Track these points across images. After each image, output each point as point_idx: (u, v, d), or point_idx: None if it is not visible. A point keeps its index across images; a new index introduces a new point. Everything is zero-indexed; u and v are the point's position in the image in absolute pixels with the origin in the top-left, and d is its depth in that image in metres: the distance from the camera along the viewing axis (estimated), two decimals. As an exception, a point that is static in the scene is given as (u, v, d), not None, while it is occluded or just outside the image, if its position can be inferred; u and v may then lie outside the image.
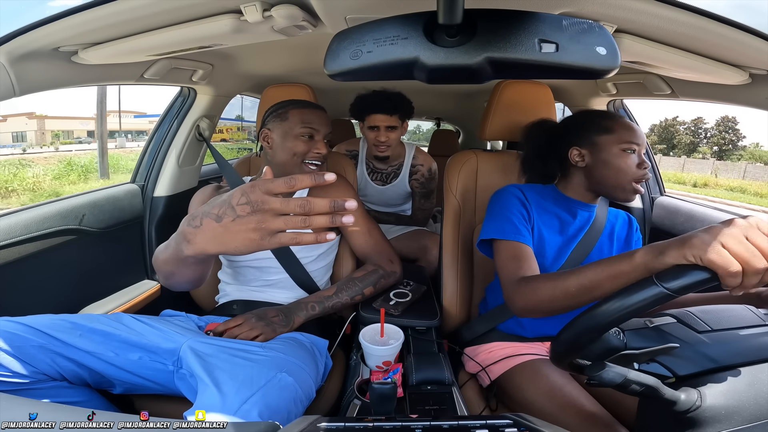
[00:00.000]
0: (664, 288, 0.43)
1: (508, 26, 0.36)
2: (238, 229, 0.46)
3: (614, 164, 0.81)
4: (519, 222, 0.83)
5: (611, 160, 0.82)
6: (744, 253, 0.42)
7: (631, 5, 0.58)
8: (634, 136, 0.81)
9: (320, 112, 0.98)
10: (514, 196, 0.87)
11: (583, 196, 0.89)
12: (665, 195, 1.31)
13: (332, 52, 0.39)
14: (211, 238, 0.48)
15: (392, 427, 0.42)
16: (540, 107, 1.07)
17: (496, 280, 0.95)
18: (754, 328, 0.48)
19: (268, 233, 0.46)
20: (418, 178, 1.51)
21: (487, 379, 0.87)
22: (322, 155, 0.96)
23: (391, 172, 1.54)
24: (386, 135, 1.40)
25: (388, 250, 1.03)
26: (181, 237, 0.52)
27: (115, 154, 11.55)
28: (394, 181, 1.53)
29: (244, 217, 0.46)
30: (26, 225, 0.91)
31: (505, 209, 0.85)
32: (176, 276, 0.64)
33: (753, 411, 0.42)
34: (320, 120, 0.97)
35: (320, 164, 0.97)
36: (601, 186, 0.85)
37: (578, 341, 0.50)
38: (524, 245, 0.79)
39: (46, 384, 0.66)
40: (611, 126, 0.83)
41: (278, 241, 0.46)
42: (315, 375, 0.75)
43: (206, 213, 0.49)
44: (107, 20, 0.67)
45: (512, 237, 0.80)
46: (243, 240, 0.46)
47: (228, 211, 0.47)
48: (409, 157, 1.54)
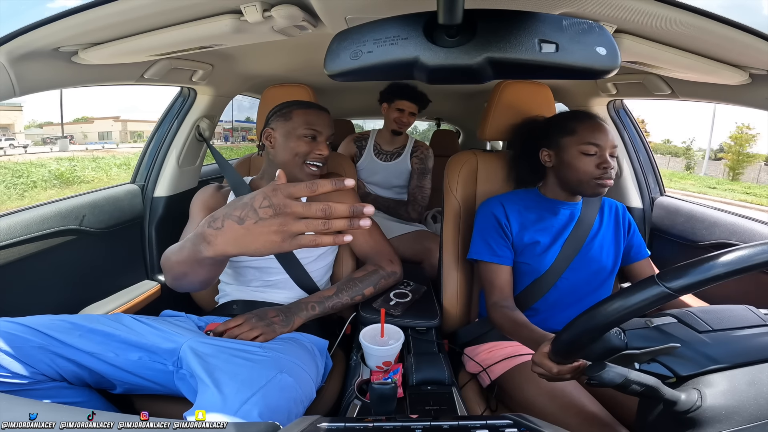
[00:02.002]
0: (666, 287, 0.43)
1: (508, 26, 0.36)
2: (260, 231, 0.47)
3: (573, 165, 0.86)
4: (495, 242, 0.92)
5: (571, 161, 0.86)
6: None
7: (631, 5, 0.58)
8: (595, 137, 0.84)
9: (324, 114, 0.99)
10: (492, 214, 0.94)
11: (562, 195, 0.93)
12: (665, 195, 1.30)
13: (332, 52, 0.39)
14: (232, 239, 0.49)
15: (392, 427, 0.42)
16: (540, 107, 1.07)
17: None
18: (754, 328, 0.48)
19: (289, 236, 0.47)
20: (418, 155, 1.80)
21: (488, 379, 0.87)
22: (324, 157, 0.97)
23: (395, 153, 1.82)
24: (408, 118, 1.72)
25: (388, 251, 1.03)
26: (200, 238, 0.52)
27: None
28: (397, 159, 1.81)
29: (266, 219, 0.47)
30: (26, 225, 0.90)
31: (483, 230, 0.94)
32: (189, 276, 0.64)
33: (753, 411, 0.42)
34: (323, 122, 0.97)
35: (321, 165, 0.98)
36: (567, 185, 0.90)
37: (579, 341, 0.50)
38: (499, 266, 0.91)
39: (46, 385, 0.66)
40: (574, 127, 0.87)
41: (298, 243, 0.47)
42: (315, 375, 0.75)
43: (228, 215, 0.50)
44: (107, 20, 0.67)
45: (488, 258, 0.91)
46: (264, 242, 0.47)
47: (250, 213, 0.48)
48: (411, 143, 1.84)
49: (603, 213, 0.96)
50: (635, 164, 1.31)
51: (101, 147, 18.36)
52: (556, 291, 0.90)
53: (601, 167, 0.84)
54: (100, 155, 13.16)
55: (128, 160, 11.12)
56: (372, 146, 1.83)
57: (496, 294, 0.89)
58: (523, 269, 0.92)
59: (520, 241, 0.92)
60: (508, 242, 0.92)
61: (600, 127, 0.85)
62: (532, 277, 0.92)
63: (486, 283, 0.92)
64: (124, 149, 17.10)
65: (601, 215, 0.95)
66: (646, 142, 1.35)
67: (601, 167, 0.84)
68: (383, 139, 1.82)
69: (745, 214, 1.07)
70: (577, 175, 0.86)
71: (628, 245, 0.96)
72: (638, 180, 1.30)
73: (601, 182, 0.84)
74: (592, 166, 0.84)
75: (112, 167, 10.24)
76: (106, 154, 13.56)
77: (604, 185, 0.84)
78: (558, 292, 0.90)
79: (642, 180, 1.30)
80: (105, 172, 9.67)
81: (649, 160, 1.33)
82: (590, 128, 0.85)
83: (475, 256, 0.94)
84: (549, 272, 0.90)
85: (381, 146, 1.83)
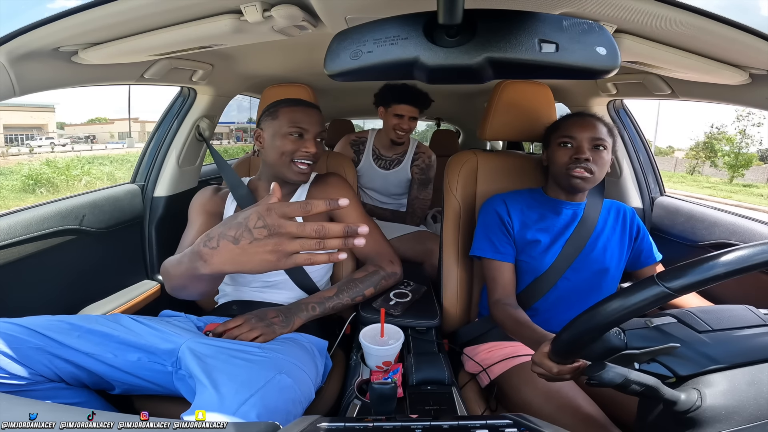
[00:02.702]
0: (666, 287, 0.43)
1: (508, 26, 0.36)
2: (255, 251, 0.48)
3: (552, 158, 0.91)
4: (498, 239, 0.93)
5: (552, 155, 0.91)
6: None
7: (631, 5, 0.58)
8: (570, 129, 0.88)
9: (311, 111, 0.96)
10: (495, 211, 0.95)
11: (561, 194, 0.95)
12: (665, 195, 1.30)
13: (332, 52, 0.39)
14: (228, 259, 0.50)
15: (392, 427, 0.42)
16: (540, 107, 1.07)
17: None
18: (754, 328, 0.48)
19: (284, 255, 0.47)
20: (419, 164, 1.65)
21: (487, 379, 0.88)
22: (311, 154, 0.94)
23: (395, 159, 1.66)
24: (408, 124, 1.54)
25: (388, 251, 1.03)
26: (196, 256, 0.53)
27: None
28: (397, 167, 1.66)
29: (261, 240, 0.47)
30: (26, 225, 0.90)
31: (486, 227, 0.95)
32: (188, 289, 0.66)
33: (753, 411, 0.42)
34: (310, 119, 0.95)
35: (311, 164, 0.95)
36: (554, 181, 0.93)
37: (579, 340, 0.50)
38: (502, 263, 0.92)
39: (44, 386, 0.66)
40: (558, 124, 0.92)
41: (294, 261, 0.48)
42: (314, 376, 0.75)
43: (223, 234, 0.50)
44: (107, 20, 0.67)
45: (491, 255, 0.92)
46: (260, 261, 0.48)
47: (245, 233, 0.48)
48: (413, 147, 1.68)
49: (608, 215, 0.96)
50: (635, 164, 1.31)
51: (121, 146, 20.17)
52: (556, 291, 0.90)
53: (572, 158, 0.86)
54: (121, 154, 15.10)
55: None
56: (370, 151, 1.67)
57: (499, 291, 0.89)
58: (524, 268, 0.92)
59: (522, 239, 0.92)
60: (511, 239, 0.93)
61: (580, 122, 0.88)
62: (532, 276, 0.92)
63: (489, 281, 0.92)
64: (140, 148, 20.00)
65: (605, 217, 0.95)
66: (646, 142, 1.35)
67: (573, 158, 0.86)
68: (382, 143, 1.66)
69: (744, 213, 1.07)
70: (554, 167, 0.90)
71: (638, 249, 0.95)
72: (638, 180, 1.30)
73: (571, 173, 0.86)
74: (566, 158, 0.87)
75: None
76: (127, 153, 15.64)
77: (574, 176, 0.86)
78: (559, 291, 0.90)
79: (642, 180, 1.30)
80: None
81: (649, 160, 1.33)
82: (571, 123, 0.89)
83: (478, 253, 0.94)
84: (549, 271, 0.90)
85: (380, 151, 1.67)
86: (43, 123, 22.51)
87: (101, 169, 11.16)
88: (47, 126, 22.70)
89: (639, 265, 0.96)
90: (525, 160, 1.12)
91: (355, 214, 1.00)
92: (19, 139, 19.90)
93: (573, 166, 0.86)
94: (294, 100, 1.00)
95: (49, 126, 22.75)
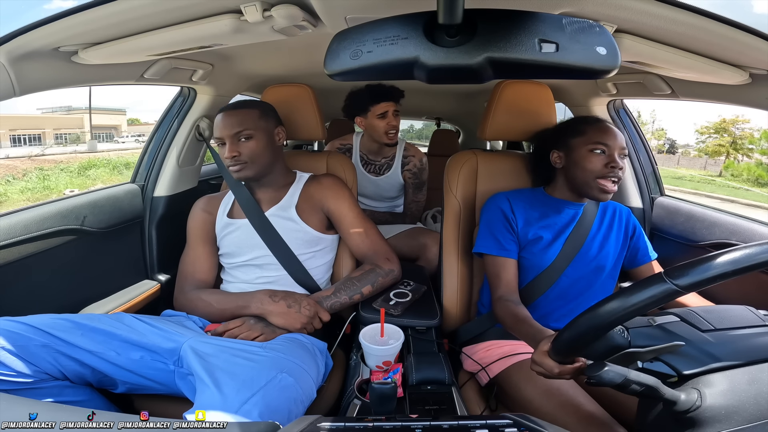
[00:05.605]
0: (674, 284, 0.43)
1: (508, 26, 0.36)
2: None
3: (581, 164, 0.88)
4: (502, 236, 0.92)
5: (579, 160, 0.88)
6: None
7: (631, 5, 0.58)
8: (603, 137, 0.86)
9: (226, 115, 0.94)
10: (499, 208, 0.95)
11: (569, 196, 0.94)
12: (665, 195, 1.30)
13: (332, 52, 0.39)
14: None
15: (392, 427, 0.42)
16: (540, 107, 1.07)
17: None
18: (754, 328, 0.48)
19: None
20: (411, 168, 1.60)
21: (486, 377, 0.88)
22: (232, 158, 0.92)
23: (384, 164, 1.62)
24: (395, 119, 1.51)
25: (385, 249, 1.03)
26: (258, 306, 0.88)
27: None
28: (387, 172, 1.62)
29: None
30: (26, 225, 0.90)
31: (491, 223, 0.95)
32: (215, 317, 0.91)
33: (753, 411, 0.42)
34: (224, 123, 0.93)
35: (236, 166, 0.93)
36: (575, 185, 0.91)
37: (582, 339, 0.50)
38: (506, 260, 0.91)
39: (49, 383, 0.66)
40: (584, 129, 0.90)
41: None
42: (315, 375, 0.75)
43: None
44: (107, 20, 0.67)
45: (495, 252, 0.92)
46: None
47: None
48: (400, 149, 1.63)
49: (604, 214, 0.97)
50: (635, 164, 1.31)
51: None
52: (557, 287, 0.91)
53: (608, 166, 0.85)
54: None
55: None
56: (358, 157, 1.63)
57: (502, 288, 0.89)
58: (526, 264, 0.93)
59: (525, 237, 0.93)
60: (515, 236, 0.93)
61: (609, 129, 0.88)
62: (534, 273, 0.92)
63: (492, 277, 0.92)
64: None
65: (601, 216, 0.96)
66: (646, 142, 1.35)
67: (609, 166, 0.85)
68: (368, 148, 1.61)
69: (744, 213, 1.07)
70: (584, 174, 0.88)
71: (634, 248, 0.97)
72: (638, 180, 1.30)
73: (604, 184, 0.85)
74: (600, 165, 0.86)
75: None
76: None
77: (606, 190, 0.85)
78: (559, 288, 0.91)
79: (642, 180, 1.30)
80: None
81: (649, 160, 1.33)
82: (599, 129, 0.88)
83: (483, 250, 0.94)
84: (550, 268, 0.91)
85: (368, 156, 1.62)
86: (118, 123, 28.43)
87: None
88: (120, 126, 28.57)
89: (635, 264, 0.97)
90: (525, 160, 1.11)
91: (352, 215, 1.00)
92: (101, 136, 25.93)
93: (609, 175, 0.85)
94: (227, 105, 1.00)
95: (122, 126, 28.66)
